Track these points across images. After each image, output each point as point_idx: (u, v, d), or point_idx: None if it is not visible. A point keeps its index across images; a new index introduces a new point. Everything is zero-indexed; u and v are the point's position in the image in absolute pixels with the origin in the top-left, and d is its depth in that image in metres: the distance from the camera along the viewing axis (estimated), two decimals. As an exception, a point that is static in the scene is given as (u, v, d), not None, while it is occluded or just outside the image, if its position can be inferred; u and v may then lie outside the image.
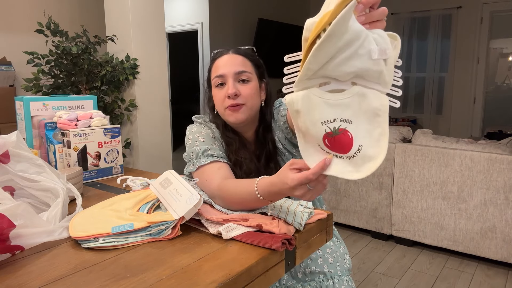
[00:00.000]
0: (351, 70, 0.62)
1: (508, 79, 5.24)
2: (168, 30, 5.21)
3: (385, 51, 0.62)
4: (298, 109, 0.68)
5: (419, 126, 5.47)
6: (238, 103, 1.07)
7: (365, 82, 0.65)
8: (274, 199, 0.83)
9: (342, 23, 0.58)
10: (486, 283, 2.23)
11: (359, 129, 0.67)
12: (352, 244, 2.78)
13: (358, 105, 0.65)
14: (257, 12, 5.37)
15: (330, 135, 0.67)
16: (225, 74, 1.08)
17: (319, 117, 0.67)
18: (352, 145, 0.67)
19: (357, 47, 0.61)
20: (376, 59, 0.62)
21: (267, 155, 1.16)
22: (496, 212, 2.31)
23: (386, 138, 0.66)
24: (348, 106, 0.66)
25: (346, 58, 0.61)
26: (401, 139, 2.70)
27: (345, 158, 0.69)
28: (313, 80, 0.65)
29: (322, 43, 0.59)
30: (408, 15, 5.61)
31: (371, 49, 0.61)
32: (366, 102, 0.65)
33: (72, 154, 1.27)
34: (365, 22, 0.63)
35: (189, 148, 1.09)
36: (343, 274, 1.16)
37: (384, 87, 0.65)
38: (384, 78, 0.64)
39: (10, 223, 0.71)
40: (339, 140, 0.67)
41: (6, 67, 2.84)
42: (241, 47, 1.15)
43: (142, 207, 0.91)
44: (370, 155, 0.67)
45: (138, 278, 0.65)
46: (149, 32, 2.91)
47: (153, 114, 3.01)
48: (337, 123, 0.66)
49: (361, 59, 0.61)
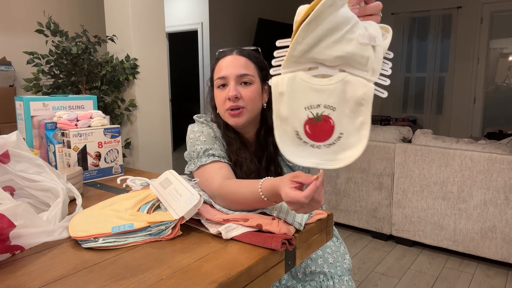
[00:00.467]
0: (338, 54, 0.62)
1: (508, 79, 5.24)
2: (168, 30, 5.21)
3: (374, 38, 0.63)
4: (283, 91, 0.67)
5: (419, 126, 5.46)
6: (238, 106, 1.07)
7: (353, 69, 0.64)
8: (278, 200, 0.83)
9: (330, 3, 0.58)
10: (486, 283, 2.23)
11: (342, 117, 0.66)
12: (352, 244, 2.78)
13: (343, 92, 0.65)
14: (257, 12, 5.38)
15: (312, 121, 0.67)
16: (227, 76, 1.08)
17: (303, 101, 0.66)
18: (332, 132, 0.66)
19: (345, 32, 0.61)
20: (363, 43, 0.62)
21: (268, 157, 1.16)
22: (496, 212, 2.31)
23: (368, 128, 0.66)
24: (333, 92, 0.65)
25: (334, 41, 0.61)
26: (401, 139, 2.70)
27: (322, 147, 0.68)
28: (300, 65, 0.65)
29: (308, 23, 0.59)
30: (408, 15, 5.61)
31: (360, 33, 0.61)
32: (351, 89, 0.65)
33: (72, 154, 1.27)
34: (358, 15, 0.64)
35: (190, 147, 1.09)
36: (343, 274, 1.16)
37: (372, 75, 0.65)
38: (372, 65, 0.64)
39: (10, 223, 0.71)
40: (320, 127, 0.66)
41: (6, 67, 2.84)
42: (245, 48, 1.14)
43: (142, 207, 0.91)
44: (350, 143, 0.66)
45: (138, 278, 0.65)
46: (149, 32, 2.91)
47: (153, 114, 3.01)
48: (321, 109, 0.66)
49: (348, 43, 0.61)
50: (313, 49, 0.62)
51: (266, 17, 5.44)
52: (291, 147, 0.69)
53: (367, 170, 2.77)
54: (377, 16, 0.65)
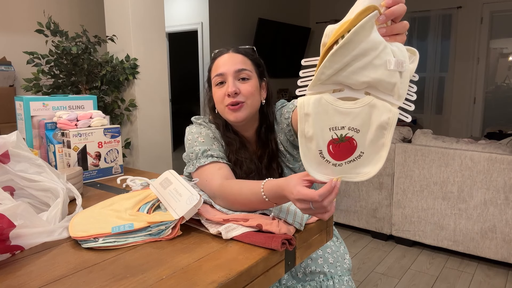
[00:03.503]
0: (364, 79, 0.63)
1: (508, 79, 5.24)
2: (168, 30, 5.21)
3: (402, 63, 0.63)
4: (308, 113, 0.68)
5: (419, 126, 5.46)
6: (238, 101, 1.07)
7: (378, 93, 0.65)
8: (279, 202, 0.83)
9: (361, 32, 0.59)
10: (486, 283, 2.23)
11: (365, 138, 0.68)
12: (352, 244, 2.78)
13: (367, 116, 0.66)
14: (257, 12, 5.37)
15: (335, 142, 0.68)
16: (225, 73, 1.08)
17: (328, 122, 0.68)
18: (354, 151, 0.69)
19: (373, 57, 0.61)
20: (391, 70, 0.62)
21: (270, 155, 1.16)
22: (496, 212, 2.31)
23: (387, 150, 0.69)
24: (358, 115, 0.66)
25: (361, 67, 0.62)
26: (401, 139, 2.70)
27: (343, 165, 0.70)
28: (326, 86, 0.66)
29: (338, 50, 0.60)
30: (408, 15, 5.61)
31: (388, 60, 0.62)
32: (376, 114, 0.66)
33: (72, 154, 1.27)
34: (385, 34, 0.63)
35: (189, 149, 1.09)
36: (343, 274, 1.16)
37: (397, 100, 0.66)
38: (398, 91, 0.65)
39: (10, 223, 0.71)
40: (343, 147, 0.68)
41: (6, 67, 2.84)
42: (241, 47, 1.15)
43: (142, 207, 0.91)
44: (369, 161, 0.69)
45: (138, 278, 0.65)
46: (149, 32, 2.91)
47: (153, 114, 3.01)
48: (345, 130, 0.67)
49: (376, 70, 0.62)
50: (340, 73, 0.63)
51: (266, 17, 5.43)
52: (313, 165, 0.71)
53: (367, 170, 2.76)
54: (403, 35, 0.65)
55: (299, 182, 0.73)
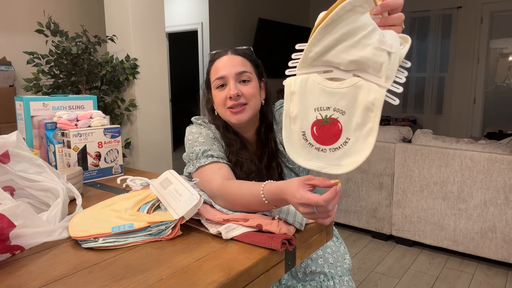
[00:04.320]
0: (352, 58, 0.63)
1: (508, 79, 5.24)
2: (168, 30, 5.21)
3: (391, 44, 0.63)
4: (294, 91, 0.67)
5: (419, 126, 5.46)
6: (240, 103, 1.07)
7: (367, 75, 0.65)
8: (279, 205, 0.82)
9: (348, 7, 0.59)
10: (486, 283, 2.23)
11: (351, 122, 0.66)
12: (352, 244, 2.78)
13: (354, 97, 0.65)
14: (257, 12, 5.37)
15: (320, 123, 0.67)
16: (226, 76, 1.08)
17: (313, 102, 0.67)
18: (339, 137, 0.67)
19: (361, 37, 0.61)
20: (378, 48, 0.62)
21: (270, 154, 1.16)
22: (496, 212, 2.31)
23: (375, 135, 0.66)
24: (344, 96, 0.65)
25: (349, 45, 0.62)
26: (401, 139, 2.70)
27: (327, 151, 0.68)
28: (315, 67, 0.66)
29: (326, 25, 0.60)
30: (408, 15, 5.61)
31: (376, 39, 0.62)
32: (362, 94, 0.65)
33: (72, 154, 1.27)
34: (380, 24, 0.63)
35: (189, 149, 1.09)
36: (343, 274, 1.16)
37: (385, 82, 0.65)
38: (385, 71, 0.64)
39: (10, 223, 0.71)
40: (327, 130, 0.67)
41: (6, 67, 2.84)
42: (238, 47, 1.15)
43: (142, 207, 0.91)
44: (355, 149, 0.67)
45: (138, 278, 0.65)
46: (149, 32, 2.91)
47: (153, 114, 3.01)
48: (330, 111, 0.66)
49: (363, 48, 0.62)
50: (328, 52, 0.63)
51: (266, 17, 5.43)
52: (296, 148, 0.70)
53: (367, 170, 2.77)
54: (398, 27, 0.65)
55: (302, 186, 0.72)
